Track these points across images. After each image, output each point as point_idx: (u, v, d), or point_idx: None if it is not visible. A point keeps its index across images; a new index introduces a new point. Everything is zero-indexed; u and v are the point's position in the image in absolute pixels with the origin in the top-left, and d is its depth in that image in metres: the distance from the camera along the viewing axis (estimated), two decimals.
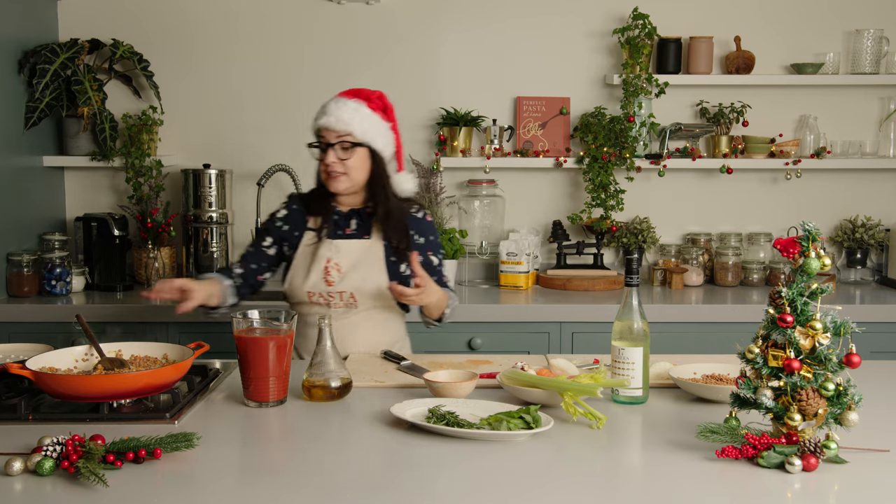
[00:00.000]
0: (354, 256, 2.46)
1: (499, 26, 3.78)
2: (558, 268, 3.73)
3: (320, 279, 2.45)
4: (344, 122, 2.39)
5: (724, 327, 3.22)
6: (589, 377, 1.94)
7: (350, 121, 2.39)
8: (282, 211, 2.58)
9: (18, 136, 3.43)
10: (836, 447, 1.57)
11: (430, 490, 1.50)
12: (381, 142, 2.45)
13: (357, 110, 2.41)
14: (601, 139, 3.61)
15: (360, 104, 2.42)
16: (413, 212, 2.54)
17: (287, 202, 2.61)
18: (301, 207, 2.56)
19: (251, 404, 1.96)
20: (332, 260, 2.46)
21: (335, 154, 2.41)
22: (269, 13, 3.77)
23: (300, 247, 2.52)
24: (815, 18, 3.78)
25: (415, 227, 2.52)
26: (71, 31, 3.71)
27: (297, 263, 2.50)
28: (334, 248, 2.47)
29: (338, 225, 2.51)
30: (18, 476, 1.54)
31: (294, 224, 2.54)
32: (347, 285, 2.44)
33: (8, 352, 2.18)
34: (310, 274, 2.46)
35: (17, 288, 3.37)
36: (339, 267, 2.45)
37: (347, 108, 2.40)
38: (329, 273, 2.45)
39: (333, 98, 2.46)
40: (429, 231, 2.55)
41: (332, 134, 2.41)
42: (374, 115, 2.44)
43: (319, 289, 2.45)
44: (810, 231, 1.62)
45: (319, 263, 2.46)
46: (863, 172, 3.83)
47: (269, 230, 2.56)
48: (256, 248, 2.56)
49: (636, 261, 1.98)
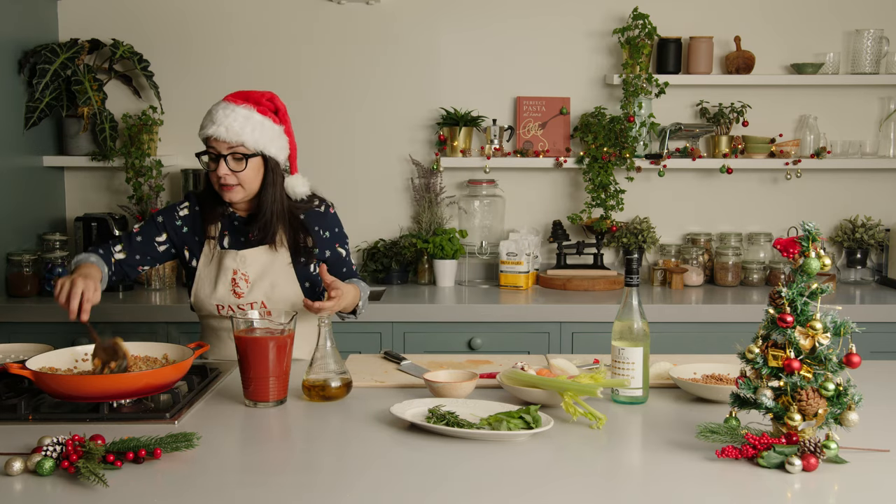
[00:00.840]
0: (261, 264, 2.36)
1: (499, 26, 3.79)
2: (558, 268, 3.73)
3: (228, 292, 2.35)
4: (235, 133, 2.24)
5: (724, 327, 3.22)
6: (589, 377, 1.94)
7: (241, 130, 2.25)
8: (183, 209, 2.44)
9: (18, 136, 3.43)
10: (836, 447, 1.57)
11: (430, 490, 1.50)
12: (275, 147, 2.32)
13: (248, 118, 2.27)
14: (601, 139, 3.61)
15: (250, 110, 2.28)
16: (315, 206, 2.44)
17: (188, 201, 2.45)
18: (201, 210, 2.42)
19: (251, 404, 1.96)
20: (238, 271, 2.35)
21: (227, 166, 2.27)
22: (269, 13, 3.77)
23: (202, 257, 2.40)
24: (815, 18, 3.78)
25: (318, 222, 2.44)
26: (71, 31, 3.71)
27: (202, 275, 2.39)
28: (240, 258, 2.35)
29: (239, 231, 2.40)
30: (18, 476, 1.54)
31: (193, 228, 2.42)
32: (257, 295, 2.35)
33: (8, 352, 2.19)
34: (217, 286, 2.36)
35: (17, 288, 3.37)
36: (246, 277, 2.35)
37: (238, 117, 2.26)
38: (237, 284, 2.35)
39: (220, 103, 2.31)
40: (333, 224, 2.47)
41: (222, 145, 2.26)
42: (266, 121, 2.30)
43: (228, 301, 2.35)
44: (810, 231, 1.62)
45: (226, 275, 2.35)
46: (863, 172, 3.83)
47: (167, 226, 2.42)
48: (146, 240, 2.41)
49: (636, 261, 1.98)
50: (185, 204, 2.45)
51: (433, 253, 3.60)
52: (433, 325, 3.23)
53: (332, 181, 3.76)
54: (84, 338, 3.14)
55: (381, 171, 3.83)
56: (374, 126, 3.82)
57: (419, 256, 3.68)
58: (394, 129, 3.81)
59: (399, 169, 3.83)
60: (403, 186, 3.84)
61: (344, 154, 3.82)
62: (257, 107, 2.30)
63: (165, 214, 2.44)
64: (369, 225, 3.82)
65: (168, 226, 2.43)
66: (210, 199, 2.40)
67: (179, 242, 2.43)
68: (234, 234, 2.41)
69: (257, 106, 2.30)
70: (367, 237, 3.83)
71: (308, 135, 3.70)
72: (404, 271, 3.73)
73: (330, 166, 3.79)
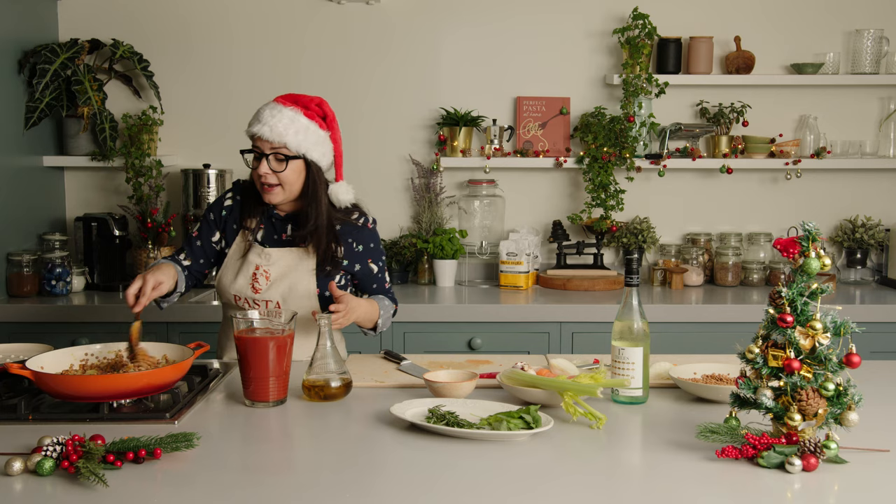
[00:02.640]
0: (285, 265, 2.37)
1: (499, 26, 3.79)
2: (558, 268, 3.73)
3: (247, 284, 2.37)
4: (278, 133, 2.25)
5: (724, 327, 3.22)
6: (589, 377, 1.94)
7: (285, 132, 2.25)
8: (228, 199, 2.47)
9: (18, 136, 3.43)
10: (836, 447, 1.57)
11: (430, 490, 1.50)
12: (318, 152, 2.32)
13: (293, 120, 2.27)
14: (601, 139, 3.61)
15: (296, 113, 2.29)
16: (354, 219, 2.43)
17: (232, 191, 2.48)
18: (243, 201, 2.44)
19: (251, 404, 1.96)
20: (261, 267, 2.37)
21: (268, 165, 2.29)
22: (269, 13, 3.77)
23: (234, 245, 2.42)
24: (815, 18, 3.78)
25: (354, 235, 2.43)
26: (71, 31, 3.71)
27: (228, 263, 2.42)
28: (265, 255, 2.37)
29: (274, 228, 2.42)
30: (18, 476, 1.54)
31: (233, 216, 2.44)
32: (273, 294, 2.36)
33: (8, 352, 2.18)
34: (238, 278, 2.38)
35: (17, 288, 3.37)
36: (267, 275, 2.36)
37: (283, 118, 2.26)
38: (257, 280, 2.36)
39: (269, 104, 2.32)
40: (369, 239, 2.46)
41: (266, 144, 2.27)
42: (312, 125, 2.30)
43: (245, 294, 2.37)
44: (810, 231, 1.62)
45: (248, 269, 2.38)
46: (863, 172, 3.83)
47: (217, 223, 2.45)
48: (204, 243, 2.45)
49: (636, 261, 1.98)
50: (229, 193, 2.48)
51: (433, 253, 3.60)
52: (433, 325, 3.23)
53: None
54: (84, 338, 3.14)
55: (381, 171, 3.83)
56: (374, 126, 3.82)
57: (419, 256, 3.68)
58: (394, 129, 3.81)
59: (399, 169, 3.83)
60: (403, 186, 3.84)
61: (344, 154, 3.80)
62: (305, 110, 2.31)
63: (214, 209, 2.48)
64: None
65: (217, 220, 2.46)
66: (253, 193, 2.42)
67: (224, 233, 2.46)
68: (269, 229, 2.42)
69: (305, 110, 2.31)
70: None
71: None
72: (404, 271, 3.73)
73: None
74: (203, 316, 3.22)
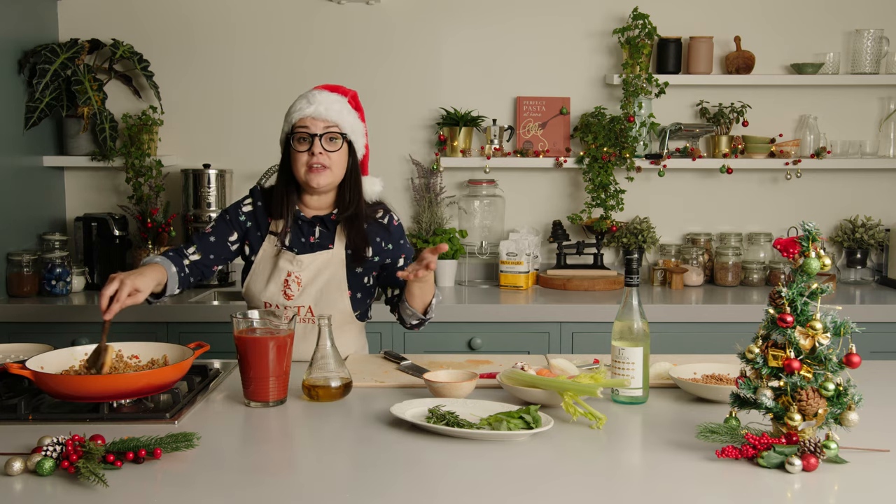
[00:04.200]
0: (315, 269, 2.37)
1: (499, 26, 3.79)
2: (558, 268, 3.73)
3: (279, 291, 2.37)
4: (335, 112, 2.31)
5: (724, 327, 3.22)
6: (589, 377, 1.94)
7: (340, 111, 2.31)
8: (247, 205, 2.45)
9: (18, 136, 3.43)
10: (836, 447, 1.57)
11: (430, 490, 1.50)
12: (360, 141, 2.38)
13: (343, 104, 2.34)
14: (601, 139, 3.61)
15: (343, 98, 2.35)
16: (379, 217, 2.43)
17: (251, 197, 2.47)
18: (264, 206, 2.43)
19: (251, 404, 1.96)
20: (292, 273, 2.37)
21: (321, 145, 2.30)
22: (269, 13, 3.77)
23: (261, 251, 2.41)
24: (815, 18, 3.78)
25: (382, 234, 2.42)
26: (71, 31, 3.71)
27: (257, 270, 2.41)
28: (297, 262, 2.37)
29: (301, 232, 2.40)
30: (18, 476, 1.54)
31: (257, 223, 2.43)
32: (306, 300, 2.36)
33: (8, 352, 2.18)
34: (269, 285, 2.38)
35: (17, 288, 3.37)
36: (299, 280, 2.36)
37: (334, 101, 2.32)
38: (289, 286, 2.37)
39: (312, 90, 2.35)
40: (398, 236, 2.45)
41: (318, 124, 2.30)
42: (354, 112, 2.37)
43: (277, 300, 2.37)
44: (810, 231, 1.62)
45: (279, 275, 2.37)
46: (863, 172, 3.83)
47: (235, 224, 2.43)
48: (219, 240, 2.42)
49: (636, 261, 1.98)
50: (247, 200, 2.46)
51: None
52: (433, 325, 3.22)
53: None
54: (84, 337, 3.14)
55: (381, 171, 3.81)
56: (374, 126, 3.78)
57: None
58: (394, 129, 3.81)
59: (399, 169, 3.83)
60: (403, 186, 3.84)
61: None
62: (348, 99, 2.37)
63: (231, 212, 2.45)
64: None
65: (234, 223, 2.44)
66: (279, 195, 2.39)
67: (244, 237, 2.44)
68: (296, 233, 2.40)
69: (347, 98, 2.37)
70: None
71: None
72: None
73: None
74: (203, 316, 3.22)
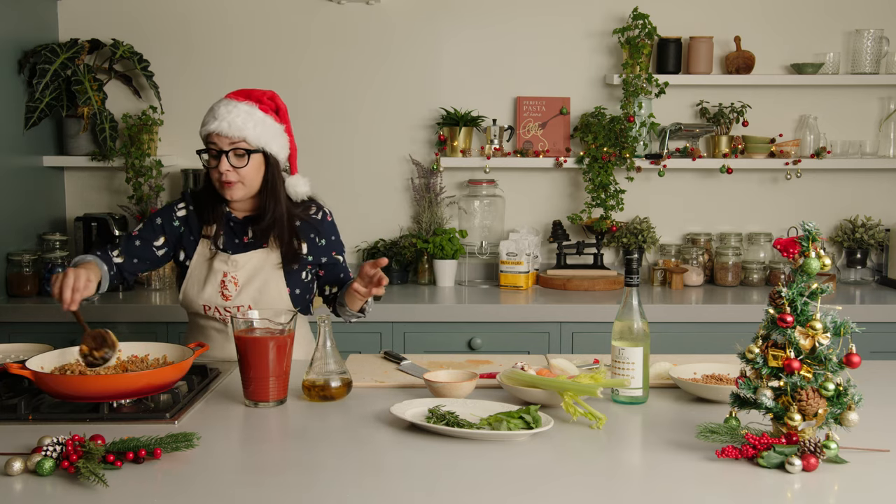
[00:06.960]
0: (252, 269, 2.36)
1: (499, 27, 3.79)
2: (558, 268, 3.73)
3: (216, 293, 2.35)
4: (237, 128, 2.24)
5: (724, 327, 3.22)
6: (589, 377, 1.94)
7: (243, 126, 2.25)
8: (180, 209, 2.42)
9: (18, 136, 3.43)
10: (836, 447, 1.57)
11: (430, 490, 1.50)
12: (276, 145, 2.32)
13: (250, 114, 2.27)
14: (601, 139, 3.61)
15: (252, 107, 2.28)
16: (312, 213, 2.43)
17: (184, 202, 2.44)
18: (196, 210, 2.42)
19: (251, 404, 1.96)
20: (228, 274, 2.35)
21: (228, 162, 2.26)
22: (269, 13, 3.77)
23: (195, 256, 2.39)
24: (815, 18, 3.78)
25: (315, 230, 2.42)
26: (71, 31, 3.71)
27: (193, 274, 2.39)
28: (231, 262, 2.35)
29: (234, 233, 2.39)
30: (18, 476, 1.54)
31: (190, 228, 2.41)
32: (244, 299, 2.35)
33: (8, 352, 2.19)
34: (206, 287, 2.36)
35: (17, 288, 3.37)
36: (235, 280, 2.35)
37: (240, 113, 2.26)
38: (226, 287, 2.35)
39: (222, 100, 2.31)
40: (331, 232, 2.45)
41: (224, 140, 2.25)
42: (267, 118, 2.30)
43: (216, 303, 2.35)
44: (810, 231, 1.62)
45: (216, 277, 2.35)
46: (863, 172, 3.83)
47: (164, 229, 2.40)
48: (144, 244, 2.39)
49: (636, 261, 1.98)
50: (181, 204, 2.45)
51: (433, 253, 3.60)
52: (433, 325, 3.23)
53: (332, 181, 3.76)
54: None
55: (381, 171, 3.83)
56: (374, 126, 3.82)
57: (419, 256, 3.68)
58: (394, 129, 3.81)
59: (399, 169, 3.83)
60: (403, 186, 3.84)
61: (344, 154, 3.82)
62: (259, 104, 2.31)
63: (163, 215, 2.43)
64: (369, 225, 3.82)
65: (166, 227, 2.41)
66: (208, 199, 2.40)
67: (176, 243, 2.42)
68: (229, 234, 2.40)
69: (259, 104, 2.31)
70: (366, 237, 3.83)
71: (308, 135, 3.70)
72: (404, 271, 3.73)
73: (330, 166, 3.79)
74: None
